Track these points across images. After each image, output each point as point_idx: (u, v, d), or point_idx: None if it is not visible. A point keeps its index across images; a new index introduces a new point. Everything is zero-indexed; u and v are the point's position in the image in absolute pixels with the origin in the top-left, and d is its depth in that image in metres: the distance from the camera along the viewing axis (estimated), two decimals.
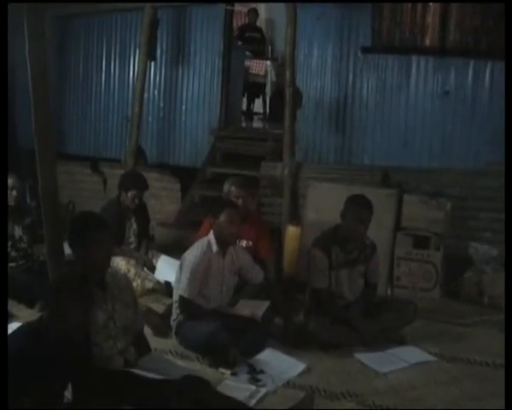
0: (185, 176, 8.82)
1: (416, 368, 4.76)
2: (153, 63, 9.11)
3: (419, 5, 8.21)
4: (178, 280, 4.95)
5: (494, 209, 7.15)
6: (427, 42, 8.32)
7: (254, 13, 12.32)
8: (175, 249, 6.36)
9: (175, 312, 4.97)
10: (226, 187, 6.16)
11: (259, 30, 12.58)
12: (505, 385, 1.80)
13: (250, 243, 5.99)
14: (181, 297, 4.87)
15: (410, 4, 8.24)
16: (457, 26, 8.13)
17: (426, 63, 8.31)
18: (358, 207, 5.10)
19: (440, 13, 8.14)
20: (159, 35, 8.86)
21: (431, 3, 8.17)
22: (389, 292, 6.69)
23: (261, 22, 13.22)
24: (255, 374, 4.43)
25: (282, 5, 8.01)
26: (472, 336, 5.53)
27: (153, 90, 9.59)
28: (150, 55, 8.62)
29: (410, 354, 4.95)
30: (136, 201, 6.55)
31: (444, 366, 4.85)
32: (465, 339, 5.45)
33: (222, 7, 9.19)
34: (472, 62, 8.11)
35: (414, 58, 8.35)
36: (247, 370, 4.49)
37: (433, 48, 8.27)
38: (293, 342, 4.99)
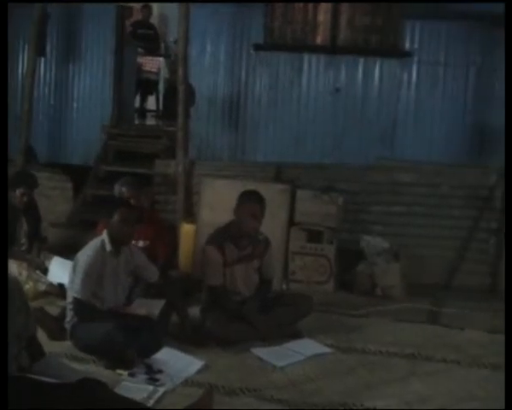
0: (77, 175, 8.64)
1: (313, 360, 4.82)
2: (42, 59, 8.88)
3: (310, 4, 8.35)
4: (72, 281, 4.83)
5: (384, 203, 7.36)
6: (319, 40, 8.48)
7: (148, 9, 12.18)
8: (68, 250, 6.22)
9: (69, 314, 4.85)
10: (117, 188, 6.06)
11: (152, 27, 12.46)
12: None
13: (147, 243, 5.93)
14: (75, 299, 4.76)
15: (301, 2, 8.36)
16: (348, 24, 8.33)
17: (317, 61, 8.46)
18: (251, 203, 5.13)
19: (331, 11, 8.31)
20: (49, 30, 8.65)
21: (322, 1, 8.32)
22: (284, 286, 6.76)
23: (154, 19, 13.11)
24: (153, 374, 4.38)
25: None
26: (366, 327, 5.66)
27: (43, 88, 9.35)
28: (40, 51, 8.39)
29: (306, 347, 5.01)
30: (25, 199, 6.37)
31: (339, 356, 4.94)
32: (359, 330, 5.57)
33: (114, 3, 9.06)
34: (362, 60, 8.32)
35: (305, 56, 8.49)
36: (145, 370, 4.43)
37: (325, 46, 8.43)
38: (190, 340, 4.96)
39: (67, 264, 5.58)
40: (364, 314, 6.04)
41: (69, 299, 4.86)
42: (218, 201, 6.64)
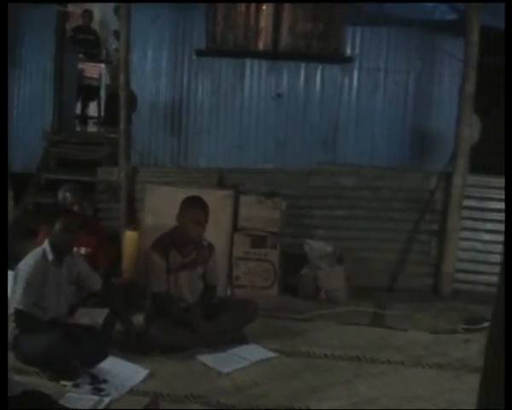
0: (18, 183, 8.48)
1: (258, 365, 4.82)
2: None
3: (252, 9, 8.38)
4: (13, 292, 4.74)
5: (327, 207, 7.41)
6: (261, 45, 8.50)
7: (88, 14, 12.03)
8: (9, 260, 6.09)
9: (10, 325, 4.76)
10: (60, 194, 5.98)
11: (93, 32, 12.31)
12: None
13: (89, 250, 5.86)
14: (16, 310, 4.67)
15: (243, 8, 8.38)
16: (290, 30, 8.37)
17: (259, 66, 8.49)
18: (194, 209, 5.11)
19: (273, 17, 8.35)
20: None
21: (264, 7, 8.34)
22: (229, 292, 6.76)
23: (95, 24, 12.96)
24: (98, 384, 4.33)
25: (115, 6, 7.89)
26: (311, 331, 5.70)
27: None
28: None
29: (251, 352, 5.01)
30: None
31: (284, 361, 4.95)
32: (304, 334, 5.60)
33: (54, 7, 8.93)
34: (304, 66, 8.38)
35: (247, 61, 8.51)
36: (90, 380, 4.37)
37: (267, 51, 8.46)
38: (135, 349, 4.92)
39: (9, 274, 5.47)
40: (309, 318, 6.07)
41: (10, 310, 4.76)
42: (161, 207, 6.60)
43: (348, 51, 8.43)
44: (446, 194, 7.30)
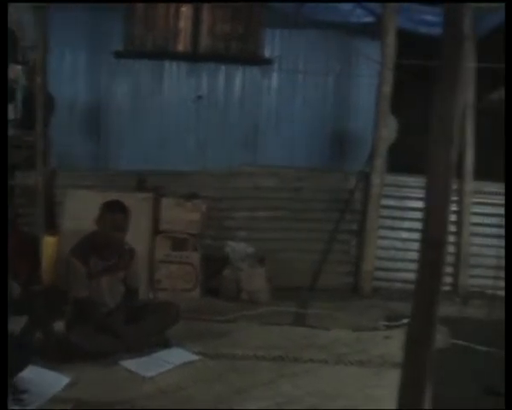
0: None
1: (182, 368, 4.80)
2: None
3: (172, 10, 8.32)
4: None
5: (248, 208, 7.45)
6: (180, 47, 8.45)
7: None
8: None
9: None
10: None
11: (10, 32, 11.99)
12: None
13: (9, 256, 5.71)
14: None
15: (162, 9, 8.31)
16: (209, 32, 8.35)
17: (179, 68, 8.45)
18: (114, 213, 5.05)
19: (192, 19, 8.31)
20: None
21: (183, 8, 8.30)
22: (151, 296, 6.71)
23: (10, 24, 12.61)
24: (18, 394, 4.21)
25: (32, 6, 7.71)
26: (233, 332, 5.71)
27: None
28: None
29: (175, 356, 4.99)
30: None
31: (208, 363, 4.94)
32: (227, 335, 5.60)
33: None
34: (223, 68, 8.38)
35: (167, 63, 8.45)
36: (10, 390, 4.27)
37: (186, 53, 8.42)
38: (56, 356, 4.82)
39: None
40: (231, 319, 6.08)
41: None
42: (81, 211, 6.48)
43: (267, 53, 8.47)
44: (365, 194, 7.44)
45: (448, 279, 7.48)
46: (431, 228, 3.53)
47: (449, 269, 7.40)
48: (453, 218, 7.46)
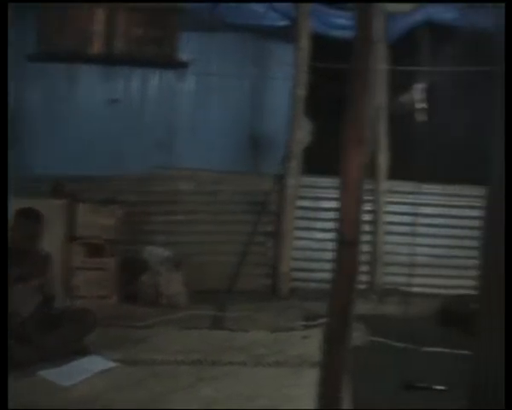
0: None
1: (101, 376, 4.73)
2: None
3: (86, 13, 8.19)
4: None
5: (165, 212, 7.41)
6: (95, 50, 8.32)
7: None
8: None
9: None
10: None
11: None
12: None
13: None
14: None
15: (77, 12, 8.17)
16: (124, 35, 8.26)
17: (94, 72, 8.33)
18: (27, 220, 4.95)
19: (107, 22, 8.20)
20: None
21: (98, 11, 8.19)
22: (68, 303, 6.59)
23: None
24: None
25: None
26: (152, 337, 5.66)
27: None
28: None
29: (93, 363, 4.91)
30: None
31: (128, 369, 4.89)
32: (146, 341, 5.56)
33: None
34: (139, 71, 8.31)
35: (82, 66, 8.32)
36: None
37: (101, 56, 8.30)
38: None
39: None
40: (150, 325, 6.04)
41: None
42: None
43: (183, 57, 8.44)
44: (281, 195, 7.51)
45: (364, 278, 7.62)
46: (345, 228, 3.60)
47: (364, 268, 7.55)
48: (368, 217, 7.62)
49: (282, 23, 7.66)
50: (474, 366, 3.44)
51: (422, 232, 7.58)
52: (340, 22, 7.38)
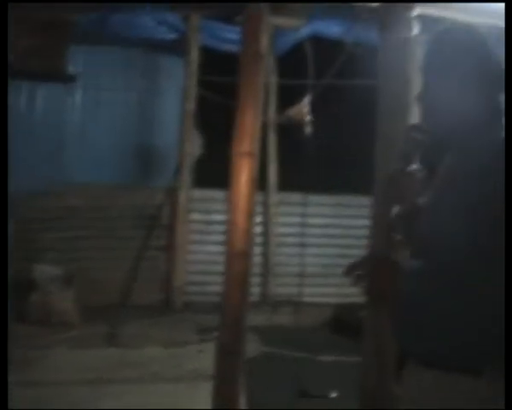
0: None
1: None
2: None
3: None
4: None
5: (56, 229, 7.25)
6: None
7: None
8: None
9: None
10: None
11: None
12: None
13: None
14: None
15: None
16: (11, 46, 8.03)
17: None
18: None
19: None
20: None
21: None
22: None
23: None
24: None
25: None
26: (45, 358, 5.51)
27: None
28: None
29: None
30: None
31: (21, 392, 4.71)
32: (39, 361, 5.41)
33: None
34: (26, 84, 8.11)
35: None
36: None
37: None
38: None
39: None
40: (42, 345, 5.87)
41: None
42: None
43: (72, 70, 8.29)
44: (173, 209, 7.49)
45: (256, 289, 7.68)
46: (235, 240, 3.64)
47: (257, 279, 7.61)
48: (259, 229, 7.69)
49: (172, 37, 7.65)
50: (362, 371, 3.53)
51: (312, 243, 7.73)
52: (230, 36, 7.44)
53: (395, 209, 2.33)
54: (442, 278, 1.91)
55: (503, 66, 2.11)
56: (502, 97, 2.10)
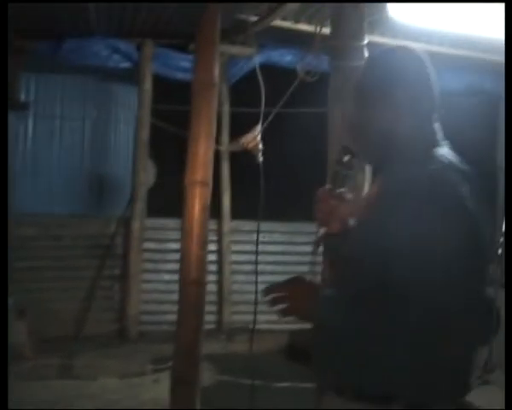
0: None
1: None
2: None
3: None
4: None
5: (9, 260, 7.14)
6: None
7: None
8: None
9: None
10: None
11: None
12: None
13: None
14: None
15: None
16: None
17: None
18: None
19: None
20: None
21: None
22: None
23: None
24: None
25: None
26: None
27: None
28: None
29: None
30: None
31: None
32: None
33: None
34: None
35: None
36: None
37: None
38: None
39: None
40: None
41: None
42: None
43: (23, 98, 8.22)
44: (127, 238, 7.45)
45: (211, 317, 7.66)
46: (189, 269, 3.63)
47: (212, 307, 7.59)
48: (213, 257, 7.69)
49: (126, 65, 7.64)
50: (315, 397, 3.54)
51: (266, 270, 7.75)
52: (183, 65, 7.46)
53: (320, 231, 2.30)
54: (356, 305, 1.90)
55: (437, 88, 2.07)
56: (436, 120, 2.07)
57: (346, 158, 2.23)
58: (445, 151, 2.02)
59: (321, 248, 2.38)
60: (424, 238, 1.78)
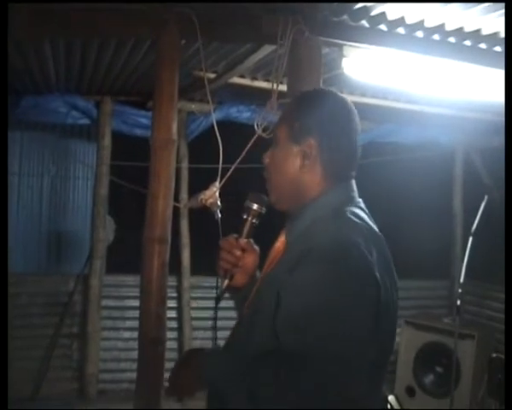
0: None
1: None
2: None
3: None
4: None
5: None
6: None
7: None
8: None
9: None
10: None
11: None
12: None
13: None
14: None
15: None
16: None
17: None
18: None
19: None
20: None
21: None
22: None
23: None
24: None
25: None
26: None
27: None
28: None
29: None
30: None
31: None
32: None
33: None
34: None
35: None
36: None
37: None
38: None
39: None
40: None
41: None
42: None
43: None
44: (85, 296, 7.38)
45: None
46: (148, 326, 3.61)
47: (172, 365, 7.47)
48: (173, 314, 7.63)
49: (84, 122, 7.64)
50: None
51: (226, 326, 7.71)
52: (142, 121, 7.49)
53: (224, 283, 2.27)
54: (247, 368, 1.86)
55: (358, 139, 1.99)
56: (353, 177, 1.99)
57: (256, 206, 2.19)
58: (357, 210, 1.92)
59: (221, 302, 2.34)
60: (318, 302, 1.71)
